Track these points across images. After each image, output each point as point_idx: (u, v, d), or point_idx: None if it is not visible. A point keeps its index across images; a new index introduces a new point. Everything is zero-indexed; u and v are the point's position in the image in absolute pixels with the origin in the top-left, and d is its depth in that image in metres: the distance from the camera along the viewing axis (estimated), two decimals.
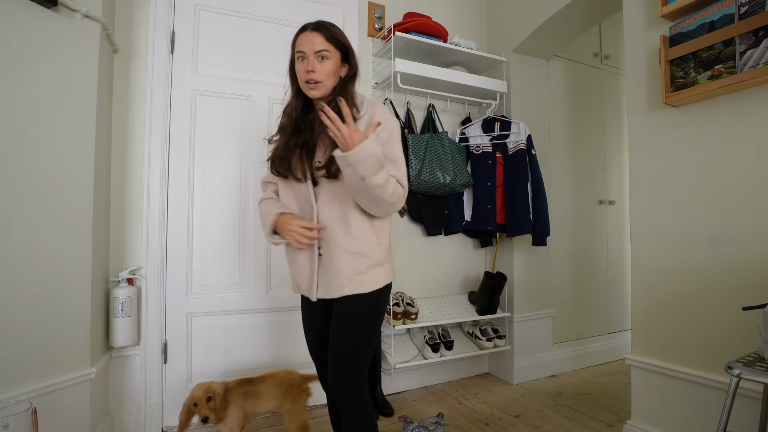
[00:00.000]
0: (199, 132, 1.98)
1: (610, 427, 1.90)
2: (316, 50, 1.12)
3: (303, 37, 1.15)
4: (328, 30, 1.15)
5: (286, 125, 1.23)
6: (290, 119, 1.23)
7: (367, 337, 1.17)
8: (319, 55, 1.12)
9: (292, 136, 1.21)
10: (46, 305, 1.43)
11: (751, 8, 1.31)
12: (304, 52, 1.13)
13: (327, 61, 1.13)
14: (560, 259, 2.70)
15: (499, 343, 2.40)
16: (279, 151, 1.22)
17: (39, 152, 1.43)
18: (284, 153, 1.20)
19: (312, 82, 1.13)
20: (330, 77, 1.15)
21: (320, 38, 1.13)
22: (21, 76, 1.38)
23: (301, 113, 1.22)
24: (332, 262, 1.15)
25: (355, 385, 1.14)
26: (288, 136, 1.21)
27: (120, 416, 1.81)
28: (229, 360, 1.99)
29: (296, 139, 1.20)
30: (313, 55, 1.12)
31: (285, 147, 1.21)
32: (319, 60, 1.13)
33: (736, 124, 1.42)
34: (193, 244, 1.95)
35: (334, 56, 1.15)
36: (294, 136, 1.21)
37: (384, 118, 1.18)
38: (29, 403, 1.04)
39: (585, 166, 2.86)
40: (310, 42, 1.13)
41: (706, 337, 1.49)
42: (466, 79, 2.35)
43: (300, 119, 1.22)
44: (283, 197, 1.28)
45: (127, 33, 1.88)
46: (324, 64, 1.13)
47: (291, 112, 1.23)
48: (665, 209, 1.62)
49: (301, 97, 1.22)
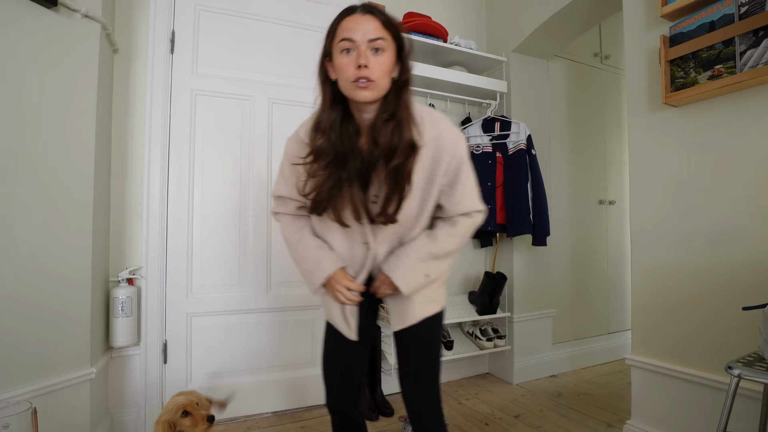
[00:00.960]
0: (199, 132, 1.98)
1: (610, 427, 1.90)
2: (371, 38, 0.87)
3: (351, 21, 0.89)
4: (383, 14, 0.90)
5: (325, 149, 0.93)
6: (328, 140, 0.93)
7: (440, 353, 1.12)
8: (373, 45, 0.88)
9: (336, 166, 0.93)
10: (46, 305, 1.43)
11: (751, 8, 1.31)
12: (353, 41, 0.87)
13: (383, 54, 0.89)
14: (560, 259, 2.70)
15: (499, 343, 2.40)
16: (323, 192, 0.94)
17: (39, 152, 1.43)
18: (330, 194, 0.94)
19: (364, 80, 0.87)
20: (385, 76, 0.90)
21: (375, 23, 0.88)
22: (21, 76, 1.38)
23: (344, 131, 0.94)
24: (401, 299, 1.04)
25: (440, 404, 1.10)
26: (330, 168, 0.93)
27: (120, 416, 1.81)
28: (229, 360, 1.99)
29: (342, 171, 0.93)
30: (366, 45, 0.87)
31: (330, 185, 0.93)
32: (373, 52, 0.88)
33: (736, 124, 1.42)
34: (193, 244, 1.95)
35: (391, 49, 0.90)
36: (338, 166, 0.93)
37: (453, 141, 0.96)
38: (29, 403, 1.04)
39: (585, 166, 2.86)
40: (362, 28, 0.88)
41: (706, 337, 1.49)
42: (466, 79, 2.35)
43: (346, 141, 0.93)
44: (322, 231, 1.07)
45: (127, 33, 1.88)
46: (380, 58, 0.88)
47: (327, 128, 0.93)
48: (665, 209, 1.62)
49: (340, 107, 0.95)
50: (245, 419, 1.99)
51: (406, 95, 0.94)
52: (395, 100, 0.93)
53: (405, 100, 0.94)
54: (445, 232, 1.02)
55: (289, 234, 1.12)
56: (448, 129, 0.98)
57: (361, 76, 0.87)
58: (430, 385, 1.09)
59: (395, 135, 0.91)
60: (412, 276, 0.99)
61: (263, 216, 2.06)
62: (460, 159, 0.98)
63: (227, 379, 1.98)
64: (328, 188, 0.94)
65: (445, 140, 0.96)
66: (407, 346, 1.10)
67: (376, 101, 0.92)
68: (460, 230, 1.02)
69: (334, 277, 1.03)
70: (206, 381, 1.94)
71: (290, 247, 1.11)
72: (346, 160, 0.93)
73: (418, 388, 1.08)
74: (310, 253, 1.06)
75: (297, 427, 1.92)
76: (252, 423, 1.96)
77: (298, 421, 1.98)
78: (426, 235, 1.03)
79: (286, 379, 2.07)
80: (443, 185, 0.99)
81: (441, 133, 0.96)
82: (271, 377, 2.05)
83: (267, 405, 2.03)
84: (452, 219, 1.03)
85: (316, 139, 0.94)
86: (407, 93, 0.95)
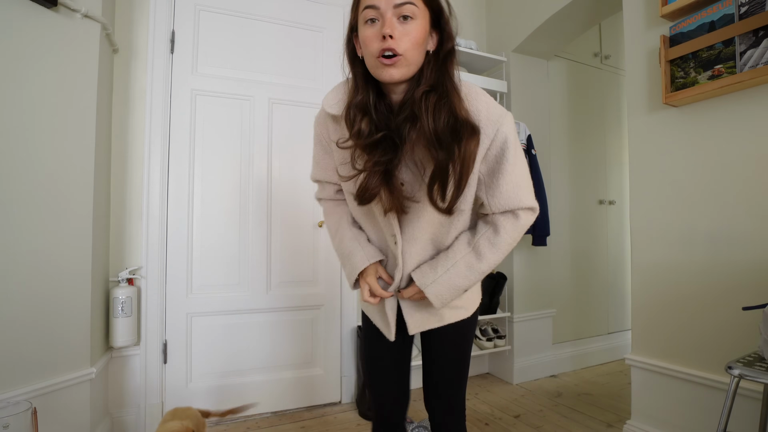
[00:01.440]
0: (199, 132, 1.98)
1: (610, 427, 1.90)
2: (398, 3, 0.74)
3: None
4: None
5: (370, 130, 0.80)
6: (371, 120, 0.81)
7: (468, 360, 1.04)
8: (400, 12, 0.75)
9: (381, 150, 0.80)
10: (46, 305, 1.43)
11: (751, 8, 1.31)
12: (377, 8, 0.75)
13: (413, 22, 0.75)
14: (560, 259, 2.70)
15: (499, 343, 2.40)
16: (368, 176, 0.81)
17: (39, 152, 1.43)
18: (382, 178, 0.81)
19: (389, 55, 0.75)
20: (416, 48, 0.76)
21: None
22: (21, 76, 1.38)
23: (379, 110, 0.82)
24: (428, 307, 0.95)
25: (465, 412, 1.05)
26: (378, 151, 0.80)
27: (120, 416, 1.81)
28: (229, 360, 1.99)
29: (388, 154, 0.80)
30: (391, 12, 0.75)
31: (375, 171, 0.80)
32: (400, 20, 0.75)
33: (736, 124, 1.42)
34: (193, 244, 1.95)
35: (422, 16, 0.77)
36: (383, 150, 0.80)
37: (495, 118, 0.81)
38: (29, 403, 1.04)
39: (585, 166, 2.86)
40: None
41: (706, 337, 1.49)
42: (466, 79, 2.34)
43: (383, 120, 0.81)
44: (359, 218, 0.99)
45: (127, 33, 1.88)
46: (408, 27, 0.75)
47: (367, 107, 0.81)
48: (665, 209, 1.62)
49: (373, 87, 0.82)
50: (245, 419, 1.99)
51: (449, 67, 0.79)
52: (436, 72, 0.78)
53: (447, 72, 0.79)
54: (488, 243, 0.87)
55: (330, 223, 1.04)
56: (489, 105, 0.82)
57: (386, 48, 0.74)
58: (455, 394, 1.02)
59: (441, 111, 0.76)
60: (448, 294, 0.89)
61: (263, 216, 2.06)
62: (503, 142, 0.81)
63: (227, 379, 1.98)
64: (380, 171, 0.80)
65: (486, 118, 0.80)
66: (432, 351, 1.03)
67: (406, 80, 0.79)
68: (504, 238, 0.86)
69: (364, 274, 0.95)
70: (206, 381, 1.95)
71: (331, 236, 1.04)
72: (393, 142, 0.80)
73: (442, 397, 1.02)
74: (344, 245, 0.98)
75: (297, 427, 1.92)
76: (252, 423, 1.96)
77: (298, 421, 1.98)
78: (466, 243, 0.90)
79: (286, 379, 2.07)
80: (482, 174, 0.84)
81: (480, 109, 0.80)
82: (271, 377, 2.05)
83: (267, 405, 2.03)
84: (495, 222, 0.88)
85: (357, 119, 0.81)
86: (451, 65, 0.80)
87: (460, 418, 1.04)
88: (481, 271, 0.88)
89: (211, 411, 1.42)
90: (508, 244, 0.87)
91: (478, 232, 0.90)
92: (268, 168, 2.08)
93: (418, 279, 0.91)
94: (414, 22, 0.75)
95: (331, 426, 1.93)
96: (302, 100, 2.14)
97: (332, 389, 2.15)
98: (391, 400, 1.06)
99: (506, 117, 0.82)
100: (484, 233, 0.89)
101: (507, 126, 0.82)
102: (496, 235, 0.87)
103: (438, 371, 1.03)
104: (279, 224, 2.09)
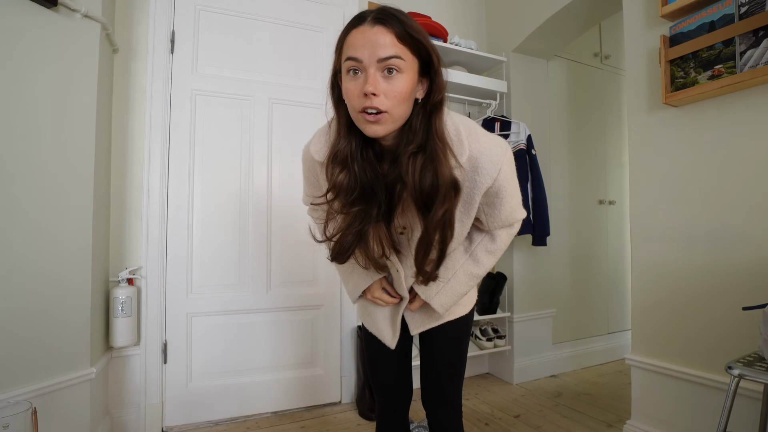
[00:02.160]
0: (199, 132, 1.98)
1: (610, 427, 1.90)
2: (381, 57, 0.69)
3: (357, 34, 0.70)
4: (399, 22, 0.70)
5: (348, 185, 0.77)
6: (350, 173, 0.77)
7: (465, 356, 1.07)
8: (385, 65, 0.70)
9: (364, 203, 0.79)
10: (46, 305, 1.43)
11: (751, 8, 1.31)
12: (359, 61, 0.70)
13: (399, 76, 0.70)
14: (560, 259, 2.70)
15: (499, 343, 2.40)
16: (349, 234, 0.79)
17: (39, 152, 1.42)
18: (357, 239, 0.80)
19: (372, 111, 0.70)
20: (402, 104, 0.72)
21: (388, 37, 0.69)
22: (21, 76, 1.38)
23: (365, 158, 0.78)
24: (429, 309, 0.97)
25: (461, 410, 1.07)
26: (357, 205, 0.78)
27: (120, 416, 1.80)
28: (229, 360, 1.99)
29: (372, 208, 0.79)
30: (375, 67, 0.69)
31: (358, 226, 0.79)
32: (384, 74, 0.70)
33: (736, 124, 1.42)
34: (193, 244, 1.95)
35: (410, 68, 0.72)
36: (367, 203, 0.79)
37: (496, 160, 0.79)
38: (29, 403, 1.04)
39: (585, 166, 2.86)
40: (371, 42, 0.69)
41: (706, 337, 1.49)
42: (466, 79, 2.35)
43: (369, 170, 0.78)
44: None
45: (127, 33, 1.88)
46: (394, 82, 0.70)
47: (348, 159, 0.77)
48: (665, 209, 1.62)
49: (356, 133, 0.78)
50: (245, 419, 1.99)
51: (437, 122, 0.74)
52: (423, 127, 0.74)
53: (437, 129, 0.74)
54: (485, 250, 0.93)
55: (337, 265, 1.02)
56: (489, 147, 0.79)
57: (368, 107, 0.70)
58: (453, 390, 1.04)
59: (426, 174, 0.73)
60: (451, 301, 0.93)
61: (263, 215, 2.06)
62: (504, 180, 0.82)
63: (227, 379, 1.98)
64: (355, 231, 0.79)
65: (487, 161, 0.79)
66: (430, 348, 1.05)
67: (391, 135, 0.77)
68: (500, 245, 0.93)
69: (370, 289, 0.99)
70: (206, 381, 1.94)
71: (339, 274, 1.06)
72: (374, 195, 0.78)
73: (439, 393, 1.04)
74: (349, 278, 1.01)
75: (297, 427, 1.92)
76: (252, 423, 1.96)
77: (298, 421, 1.98)
78: (464, 251, 0.94)
79: (286, 379, 2.07)
80: (483, 204, 0.87)
81: (483, 151, 0.79)
82: (271, 377, 2.05)
83: (267, 405, 2.03)
84: (492, 232, 0.93)
85: (335, 172, 0.78)
86: (439, 118, 0.75)
87: (457, 414, 1.06)
88: (479, 276, 0.94)
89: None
90: (503, 250, 0.94)
91: (474, 240, 0.95)
92: (268, 168, 2.08)
93: (422, 293, 0.93)
94: (400, 76, 0.70)
95: (331, 426, 1.93)
96: (302, 99, 2.14)
97: (332, 389, 2.15)
98: (395, 395, 1.08)
99: (506, 155, 0.82)
100: (481, 241, 0.94)
101: (507, 164, 0.82)
102: (493, 243, 0.93)
103: (436, 368, 1.05)
104: (279, 224, 2.09)
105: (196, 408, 1.92)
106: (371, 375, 1.11)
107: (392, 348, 1.02)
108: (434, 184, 0.74)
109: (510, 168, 0.84)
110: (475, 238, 0.94)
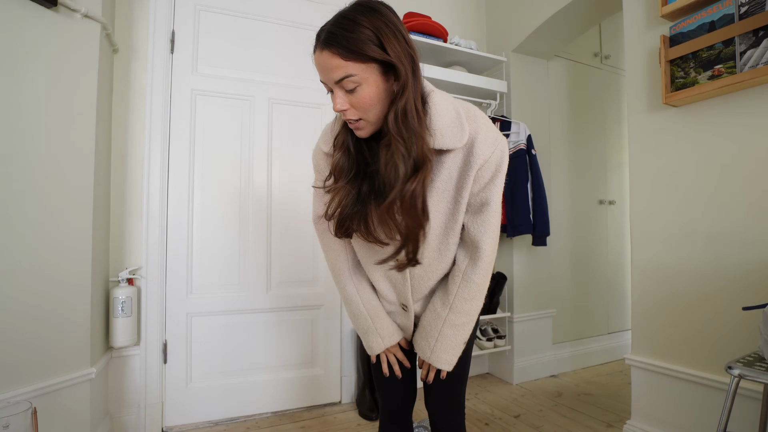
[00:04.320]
0: (199, 132, 1.98)
1: (610, 427, 1.90)
2: (335, 80, 0.75)
3: (316, 58, 0.78)
4: (342, 40, 0.73)
5: (346, 165, 0.85)
6: (347, 154, 0.85)
7: (469, 358, 1.07)
8: (342, 86, 0.76)
9: (360, 180, 0.85)
10: (46, 305, 1.43)
11: (751, 8, 1.31)
12: (325, 83, 0.79)
13: (359, 88, 0.75)
14: (560, 259, 2.70)
15: (499, 343, 2.40)
16: (347, 207, 0.84)
17: (39, 152, 1.42)
18: (356, 208, 0.84)
19: (351, 121, 0.80)
20: (372, 108, 0.77)
21: (334, 60, 0.73)
22: (21, 76, 1.38)
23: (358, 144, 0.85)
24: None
25: (464, 412, 1.08)
26: (355, 182, 0.84)
27: (120, 416, 1.81)
28: (229, 360, 1.99)
29: (363, 183, 0.84)
30: (336, 88, 0.77)
31: (353, 198, 0.84)
32: (345, 92, 0.77)
33: (736, 124, 1.42)
34: (193, 244, 1.95)
35: (369, 75, 0.75)
36: (362, 180, 0.85)
37: (489, 143, 0.82)
38: (29, 403, 1.04)
39: (585, 166, 2.86)
40: (324, 68, 0.76)
41: (706, 337, 1.49)
42: (466, 79, 2.35)
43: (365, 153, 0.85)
44: (360, 254, 0.99)
45: (127, 33, 1.88)
46: (357, 95, 0.76)
47: (346, 143, 0.85)
48: (665, 209, 1.62)
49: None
50: (245, 419, 1.99)
51: (399, 112, 0.76)
52: (393, 120, 0.77)
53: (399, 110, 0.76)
54: (462, 300, 0.91)
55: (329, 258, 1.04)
56: (487, 129, 0.83)
57: (345, 118, 0.80)
58: (456, 392, 1.05)
59: (390, 167, 0.77)
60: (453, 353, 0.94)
61: (263, 215, 2.06)
62: (495, 167, 0.83)
63: (227, 378, 1.98)
64: (351, 202, 0.83)
65: (482, 142, 0.81)
66: None
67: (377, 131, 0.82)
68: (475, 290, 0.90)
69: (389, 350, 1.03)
70: (206, 381, 1.94)
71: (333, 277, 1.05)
72: (368, 171, 0.84)
73: (443, 394, 1.04)
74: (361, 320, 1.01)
75: (297, 427, 1.92)
76: (252, 423, 1.96)
77: (298, 421, 1.98)
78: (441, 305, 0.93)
79: (286, 379, 2.07)
80: (473, 194, 0.85)
81: (478, 133, 0.81)
82: (271, 377, 2.05)
83: (267, 405, 2.03)
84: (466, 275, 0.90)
85: (335, 155, 0.86)
86: (401, 108, 0.76)
87: (459, 416, 1.06)
88: (469, 319, 0.93)
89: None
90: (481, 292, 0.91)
91: (449, 291, 0.92)
92: (268, 167, 2.08)
93: (420, 353, 0.98)
94: (361, 89, 0.75)
95: (331, 426, 1.93)
96: (302, 100, 2.14)
97: (332, 389, 2.15)
98: (398, 395, 1.08)
99: (500, 143, 0.84)
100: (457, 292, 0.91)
101: (501, 154, 0.83)
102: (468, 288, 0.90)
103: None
104: (279, 224, 2.09)
105: (196, 408, 1.92)
106: (375, 375, 1.11)
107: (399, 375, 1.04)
108: (392, 176, 0.77)
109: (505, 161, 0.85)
110: (450, 289, 0.93)
